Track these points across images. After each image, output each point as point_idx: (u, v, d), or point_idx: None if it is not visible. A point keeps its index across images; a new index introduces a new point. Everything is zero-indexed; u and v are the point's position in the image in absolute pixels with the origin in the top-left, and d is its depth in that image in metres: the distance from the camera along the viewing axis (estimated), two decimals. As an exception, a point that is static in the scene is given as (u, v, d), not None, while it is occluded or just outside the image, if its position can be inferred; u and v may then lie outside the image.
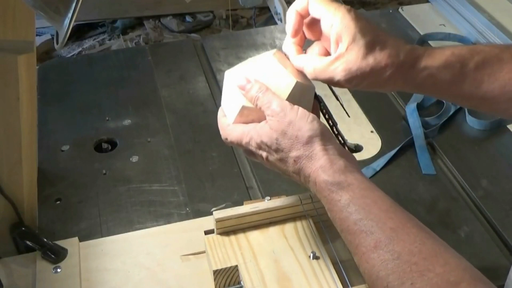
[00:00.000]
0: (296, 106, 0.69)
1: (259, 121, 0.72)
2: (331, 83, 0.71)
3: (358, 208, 0.63)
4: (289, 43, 0.74)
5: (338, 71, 0.68)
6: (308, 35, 0.75)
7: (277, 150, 0.69)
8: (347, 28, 0.67)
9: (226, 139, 0.74)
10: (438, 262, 0.58)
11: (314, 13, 0.71)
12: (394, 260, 0.59)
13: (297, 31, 0.73)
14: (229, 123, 0.74)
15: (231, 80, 0.75)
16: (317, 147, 0.67)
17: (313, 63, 0.70)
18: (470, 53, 0.70)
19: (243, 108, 0.72)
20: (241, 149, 0.75)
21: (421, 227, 0.63)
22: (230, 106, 0.74)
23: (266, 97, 0.70)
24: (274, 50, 0.76)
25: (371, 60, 0.67)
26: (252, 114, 0.72)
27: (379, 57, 0.67)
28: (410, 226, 0.62)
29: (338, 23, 0.67)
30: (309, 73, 0.71)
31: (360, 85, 0.69)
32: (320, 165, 0.67)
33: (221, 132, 0.75)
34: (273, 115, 0.69)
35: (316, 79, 0.72)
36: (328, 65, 0.69)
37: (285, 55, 0.75)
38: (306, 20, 0.73)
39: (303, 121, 0.68)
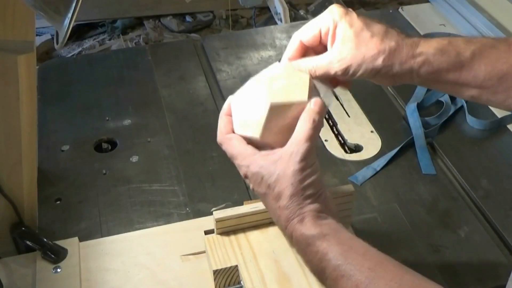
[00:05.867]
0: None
1: (287, 131, 0.70)
2: (329, 76, 0.72)
3: (336, 254, 0.64)
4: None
5: (334, 62, 0.70)
6: None
7: (268, 186, 0.69)
8: (338, 25, 0.70)
9: (221, 144, 0.74)
10: None
11: (312, 38, 0.73)
12: None
13: None
14: (232, 133, 0.73)
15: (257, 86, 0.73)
16: (299, 203, 0.68)
17: (310, 58, 0.73)
18: (466, 42, 0.71)
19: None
20: None
21: (398, 264, 0.64)
22: (250, 113, 0.71)
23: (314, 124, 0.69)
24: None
25: (363, 49, 0.69)
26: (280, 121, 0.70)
27: (370, 44, 0.69)
28: (387, 264, 0.63)
29: (331, 24, 0.70)
30: (306, 69, 0.72)
31: (356, 74, 0.70)
32: (298, 220, 0.68)
33: (219, 136, 0.74)
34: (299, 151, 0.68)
35: (315, 76, 0.72)
36: (323, 58, 0.71)
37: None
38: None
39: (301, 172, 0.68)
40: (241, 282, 0.78)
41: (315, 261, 0.66)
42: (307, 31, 0.73)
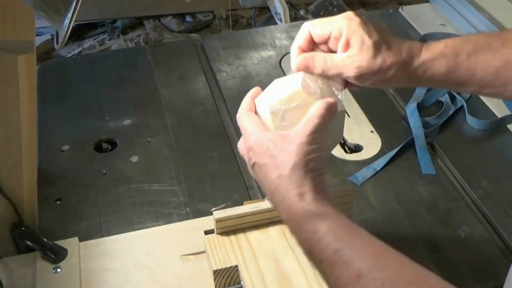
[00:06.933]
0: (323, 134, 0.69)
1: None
2: (339, 77, 0.74)
3: (336, 237, 0.63)
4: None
5: (350, 68, 0.72)
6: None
7: (272, 156, 0.68)
8: (355, 33, 0.71)
9: (239, 118, 0.73)
10: (422, 286, 0.58)
11: (321, 36, 0.73)
12: None
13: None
14: (254, 116, 0.72)
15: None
16: (302, 174, 0.66)
17: (325, 56, 0.73)
18: (461, 43, 0.74)
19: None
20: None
21: (399, 253, 0.62)
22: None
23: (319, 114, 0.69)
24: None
25: (379, 60, 0.71)
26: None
27: (385, 57, 0.72)
28: (389, 253, 0.62)
29: (345, 29, 0.71)
30: (319, 66, 0.73)
31: (367, 81, 0.73)
32: (298, 192, 0.66)
33: (239, 110, 0.73)
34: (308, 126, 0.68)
35: (324, 73, 0.73)
36: (341, 61, 0.72)
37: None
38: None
39: (311, 146, 0.67)
40: (241, 282, 0.78)
41: (312, 240, 0.64)
42: (319, 27, 0.73)
